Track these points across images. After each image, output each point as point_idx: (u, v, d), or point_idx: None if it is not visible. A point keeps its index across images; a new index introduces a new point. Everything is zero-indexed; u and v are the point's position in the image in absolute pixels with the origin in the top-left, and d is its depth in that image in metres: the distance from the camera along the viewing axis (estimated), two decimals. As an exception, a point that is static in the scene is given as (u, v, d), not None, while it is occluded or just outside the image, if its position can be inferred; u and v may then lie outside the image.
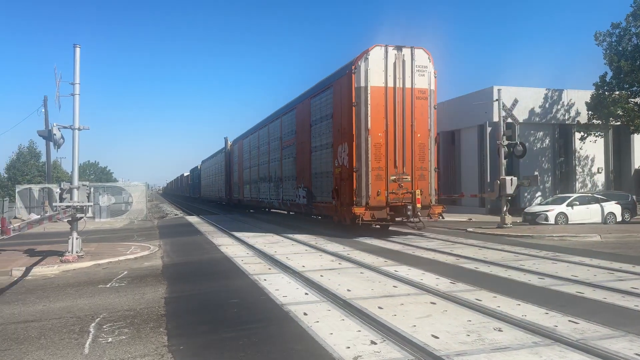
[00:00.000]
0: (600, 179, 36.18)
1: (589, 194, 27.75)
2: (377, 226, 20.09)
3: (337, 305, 7.99)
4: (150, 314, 7.90)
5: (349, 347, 5.90)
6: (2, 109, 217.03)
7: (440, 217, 19.91)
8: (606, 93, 30.70)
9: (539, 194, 34.50)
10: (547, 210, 24.44)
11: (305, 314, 7.46)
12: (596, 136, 33.18)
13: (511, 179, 22.47)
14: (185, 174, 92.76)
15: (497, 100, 23.78)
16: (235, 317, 7.64)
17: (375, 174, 18.20)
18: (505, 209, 22.51)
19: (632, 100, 30.45)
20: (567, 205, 24.45)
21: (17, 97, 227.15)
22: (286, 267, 11.82)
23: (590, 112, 31.84)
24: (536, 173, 31.20)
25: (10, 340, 6.66)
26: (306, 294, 8.95)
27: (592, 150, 35.34)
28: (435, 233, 19.79)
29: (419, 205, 17.83)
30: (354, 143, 18.20)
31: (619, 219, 24.94)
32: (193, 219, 32.03)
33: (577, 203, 24.74)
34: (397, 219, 18.56)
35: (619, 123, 31.72)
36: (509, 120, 23.90)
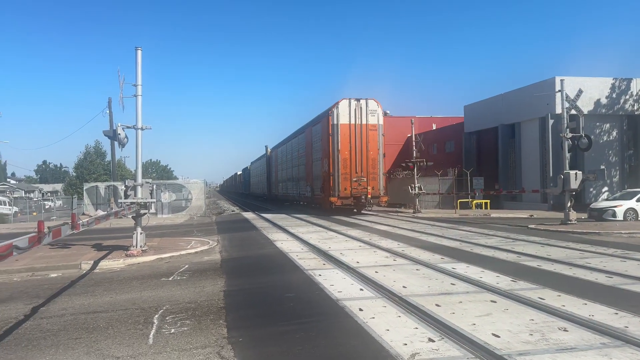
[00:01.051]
0: (674, 172, 33.95)
1: (662, 189, 26.06)
2: (355, 210, 30.67)
3: (392, 301, 7.92)
4: (210, 306, 8.13)
5: (406, 344, 5.83)
6: (70, 110, 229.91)
7: (386, 204, 32.10)
8: (680, 81, 28.74)
9: (605, 189, 32.79)
10: (614, 206, 23.19)
11: (360, 309, 7.44)
12: (669, 127, 31.17)
13: (575, 174, 21.47)
14: (238, 173, 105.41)
15: (559, 91, 22.77)
16: (292, 311, 7.73)
17: (343, 177, 28.69)
18: (569, 204, 21.54)
19: None
20: (637, 201, 23.10)
21: (83, 97, 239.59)
22: (340, 263, 11.83)
23: (662, 102, 29.93)
24: (602, 167, 29.72)
25: (81, 330, 7.03)
26: (361, 289, 8.92)
27: (665, 142, 33.22)
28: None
29: (369, 196, 28.66)
30: (331, 158, 28.94)
31: (696, 215, 23.28)
32: (249, 215, 32.72)
33: (649, 198, 23.32)
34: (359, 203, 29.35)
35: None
36: (573, 111, 22.81)
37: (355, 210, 30.53)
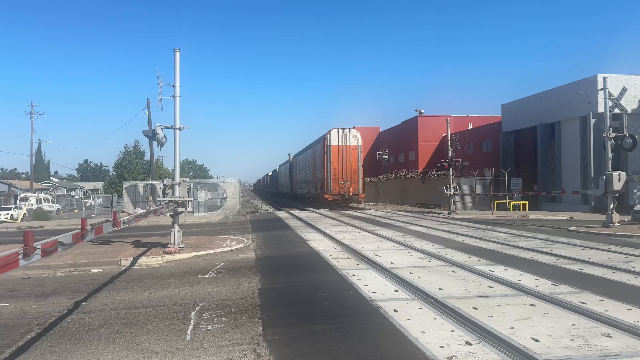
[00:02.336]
0: None
1: None
2: (345, 204, 42.93)
3: (428, 303, 7.82)
4: (245, 304, 8.22)
5: (442, 347, 5.75)
6: (111, 110, 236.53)
7: (363, 201, 47.30)
8: None
9: (651, 190, 31.55)
10: (661, 209, 22.27)
11: (395, 310, 7.39)
12: None
13: (619, 174, 20.73)
14: (269, 174, 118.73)
15: (602, 89, 22.05)
16: (326, 310, 7.73)
17: (334, 180, 41.87)
18: (612, 206, 20.83)
19: None
20: (686, 203, 22.13)
21: (123, 98, 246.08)
22: (374, 263, 11.77)
23: None
24: (648, 168, 28.57)
25: (121, 324, 7.22)
26: (396, 290, 8.85)
27: None
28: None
29: (351, 194, 42.16)
30: (325, 168, 42.44)
31: None
32: (282, 214, 32.93)
33: (698, 200, 22.31)
34: (344, 199, 42.96)
35: None
36: (616, 110, 22.06)
37: (345, 204, 42.94)
